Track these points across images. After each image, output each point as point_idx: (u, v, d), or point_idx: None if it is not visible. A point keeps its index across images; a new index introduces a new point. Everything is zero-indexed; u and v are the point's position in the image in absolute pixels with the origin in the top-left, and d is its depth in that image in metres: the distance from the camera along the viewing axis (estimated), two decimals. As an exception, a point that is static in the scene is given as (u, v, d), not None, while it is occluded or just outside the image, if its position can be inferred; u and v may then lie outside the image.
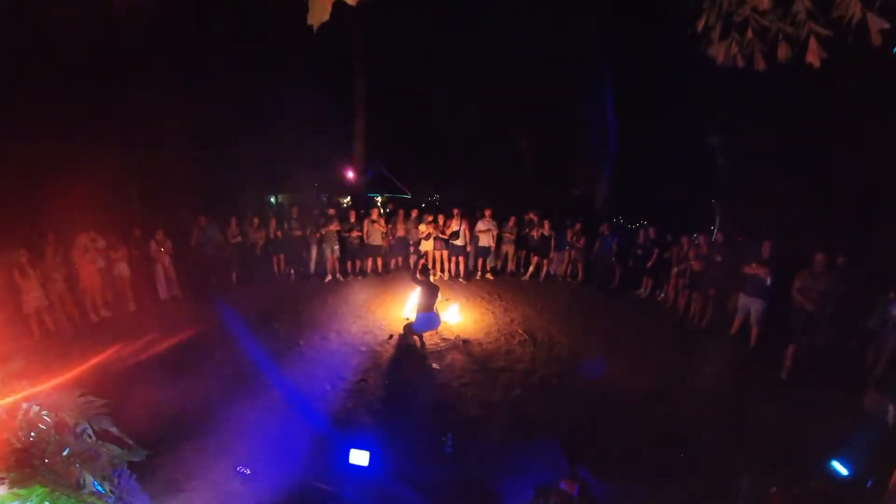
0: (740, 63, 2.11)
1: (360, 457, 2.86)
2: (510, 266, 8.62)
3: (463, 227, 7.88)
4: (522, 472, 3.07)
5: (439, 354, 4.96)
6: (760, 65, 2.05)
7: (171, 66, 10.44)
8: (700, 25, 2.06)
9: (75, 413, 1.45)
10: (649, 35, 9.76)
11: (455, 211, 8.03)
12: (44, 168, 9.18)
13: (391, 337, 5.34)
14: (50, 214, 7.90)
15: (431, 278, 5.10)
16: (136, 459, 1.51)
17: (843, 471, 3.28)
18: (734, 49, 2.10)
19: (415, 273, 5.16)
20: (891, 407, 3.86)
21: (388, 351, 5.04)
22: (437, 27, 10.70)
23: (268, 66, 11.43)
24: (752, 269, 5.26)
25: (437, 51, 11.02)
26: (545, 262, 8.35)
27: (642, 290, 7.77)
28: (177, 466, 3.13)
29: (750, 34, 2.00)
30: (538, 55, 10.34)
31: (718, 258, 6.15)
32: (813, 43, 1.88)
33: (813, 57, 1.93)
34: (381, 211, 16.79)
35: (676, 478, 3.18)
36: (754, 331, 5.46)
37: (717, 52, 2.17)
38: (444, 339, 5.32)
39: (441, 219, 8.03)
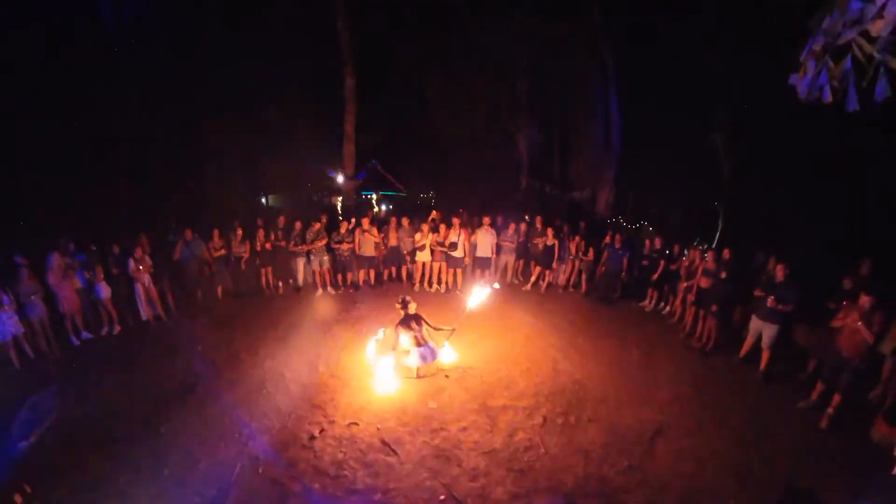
0: (828, 98, 1.72)
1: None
2: (509, 276, 8.29)
3: (462, 237, 7.50)
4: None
5: (436, 390, 4.67)
6: (853, 104, 1.66)
7: (160, 65, 9.87)
8: (802, 66, 1.68)
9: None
10: (654, 28, 9.20)
11: (455, 220, 7.63)
12: (21, 175, 8.70)
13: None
14: (27, 228, 7.47)
15: (411, 310, 4.83)
16: None
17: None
18: (824, 80, 1.71)
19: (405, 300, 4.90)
20: None
21: (381, 386, 4.72)
22: (432, 20, 10.01)
23: (258, 62, 10.81)
24: (772, 304, 4.97)
25: (431, 45, 10.35)
26: (547, 272, 8.03)
27: (647, 302, 7.51)
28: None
29: (847, 64, 1.61)
30: (539, 50, 9.74)
31: (723, 275, 5.87)
32: None
33: None
34: (377, 208, 16.33)
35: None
36: (765, 355, 5.22)
37: (802, 82, 1.78)
38: (441, 372, 5.00)
39: (442, 228, 7.63)
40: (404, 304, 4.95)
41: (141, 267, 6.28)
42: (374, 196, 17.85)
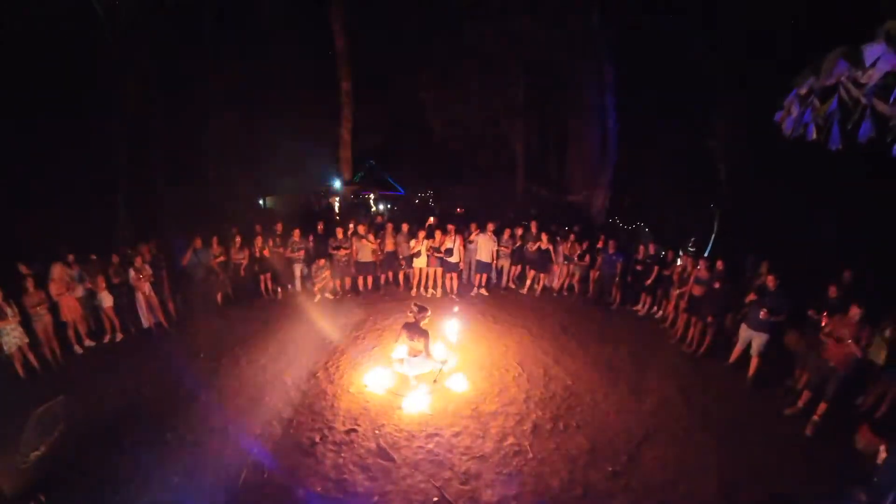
0: (811, 136, 1.81)
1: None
2: (505, 281, 8.43)
3: (458, 243, 7.63)
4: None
5: (432, 397, 4.81)
6: (835, 143, 1.74)
7: (158, 69, 9.92)
8: (786, 108, 1.77)
9: None
10: (652, 31, 9.25)
11: (450, 227, 7.77)
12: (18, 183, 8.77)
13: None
14: (24, 237, 7.57)
15: (422, 322, 4.81)
16: None
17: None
18: (808, 118, 1.79)
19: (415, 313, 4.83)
20: (882, 448, 3.79)
21: (379, 393, 4.89)
22: (429, 24, 10.05)
23: (256, 68, 10.88)
24: (765, 316, 5.10)
25: (429, 48, 10.40)
26: (542, 276, 8.17)
27: (640, 306, 7.65)
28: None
29: (833, 104, 1.67)
30: (536, 53, 9.79)
31: (717, 285, 5.99)
32: None
33: None
34: (374, 208, 16.39)
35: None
36: (754, 361, 5.37)
37: (787, 120, 1.88)
38: (436, 380, 5.14)
39: (437, 234, 7.76)
40: (418, 311, 4.72)
41: (141, 276, 6.41)
42: (372, 196, 17.97)
